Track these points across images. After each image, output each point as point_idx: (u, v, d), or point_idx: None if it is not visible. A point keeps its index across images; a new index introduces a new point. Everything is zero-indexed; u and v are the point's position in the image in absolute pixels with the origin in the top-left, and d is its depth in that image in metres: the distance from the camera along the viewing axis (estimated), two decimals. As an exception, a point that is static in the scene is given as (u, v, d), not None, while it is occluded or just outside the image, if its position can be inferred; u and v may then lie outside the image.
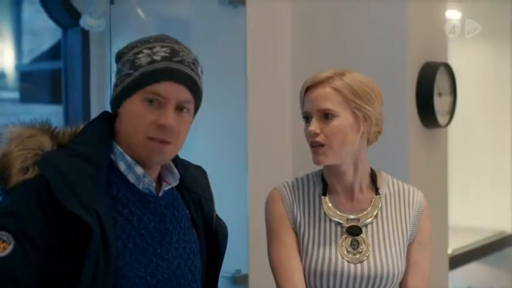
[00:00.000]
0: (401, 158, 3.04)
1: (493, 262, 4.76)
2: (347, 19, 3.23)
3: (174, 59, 1.66)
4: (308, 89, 1.99)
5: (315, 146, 1.96)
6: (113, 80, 1.72)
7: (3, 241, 1.52)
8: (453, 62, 3.45)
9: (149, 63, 1.64)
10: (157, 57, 1.65)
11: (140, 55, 1.66)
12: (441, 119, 3.25)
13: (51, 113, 1.78)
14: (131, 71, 1.65)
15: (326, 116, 1.94)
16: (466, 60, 4.50)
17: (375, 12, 3.14)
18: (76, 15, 3.10)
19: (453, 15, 4.15)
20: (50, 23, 3.52)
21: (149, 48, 1.67)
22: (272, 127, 3.24)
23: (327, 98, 1.94)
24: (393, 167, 2.96)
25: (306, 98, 1.99)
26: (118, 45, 3.06)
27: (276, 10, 3.29)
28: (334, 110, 1.93)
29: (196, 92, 1.71)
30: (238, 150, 3.03)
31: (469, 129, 4.68)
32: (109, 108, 1.76)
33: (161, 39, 1.70)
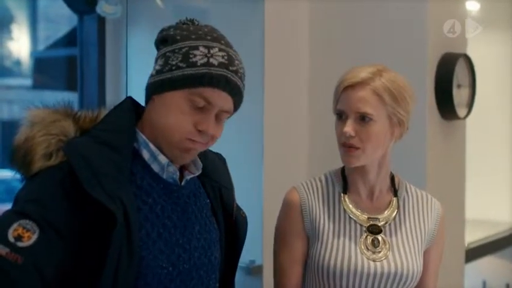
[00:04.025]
0: (419, 149, 3.02)
1: (508, 256, 4.74)
2: (365, 11, 3.20)
3: (230, 68, 1.63)
4: (346, 88, 1.94)
5: (348, 147, 1.94)
6: (158, 62, 1.66)
7: (28, 230, 1.49)
8: (471, 53, 3.40)
9: (205, 64, 1.60)
10: (214, 61, 1.61)
11: (196, 52, 1.61)
12: (460, 110, 3.21)
13: (66, 99, 1.74)
14: (183, 65, 1.60)
15: (363, 118, 1.91)
16: (484, 51, 4.45)
17: (395, 4, 3.11)
18: (92, 2, 3.08)
19: (472, 6, 4.12)
20: (65, 10, 3.52)
21: (207, 47, 1.62)
22: (288, 121, 3.22)
23: (366, 101, 1.91)
24: (412, 159, 2.96)
25: (343, 96, 1.95)
26: (134, 32, 3.07)
27: (295, 5, 3.26)
28: (372, 114, 1.90)
29: (238, 105, 1.69)
30: (254, 141, 3.02)
31: (486, 121, 4.63)
32: (123, 96, 1.73)
33: (218, 38, 1.66)
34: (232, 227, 1.86)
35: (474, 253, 3.92)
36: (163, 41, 1.67)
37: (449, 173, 3.25)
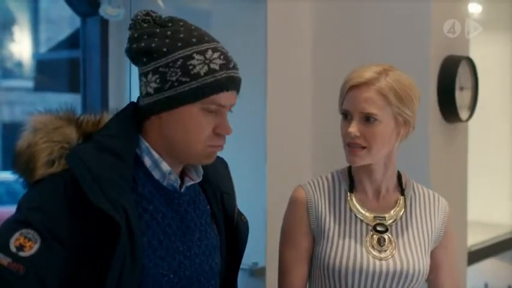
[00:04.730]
0: (422, 152, 3.02)
1: (510, 258, 4.74)
2: (368, 13, 3.20)
3: (229, 66, 1.64)
4: (351, 88, 1.94)
5: (353, 147, 1.94)
6: (150, 78, 1.63)
7: (29, 239, 1.49)
8: (473, 55, 3.40)
9: (208, 72, 1.60)
10: (215, 66, 1.61)
11: (194, 61, 1.60)
12: (462, 113, 3.21)
13: (68, 102, 1.74)
14: (186, 79, 1.59)
15: (368, 118, 1.91)
16: (486, 54, 4.45)
17: (398, 5, 3.11)
18: (95, 4, 3.09)
19: (474, 8, 4.12)
20: (66, 12, 3.53)
21: (201, 53, 1.61)
22: (291, 122, 3.22)
23: (371, 101, 1.90)
24: (414, 161, 2.95)
25: (348, 96, 1.95)
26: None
27: (298, 4, 3.26)
28: (377, 114, 1.90)
29: (238, 93, 1.71)
30: (257, 143, 3.02)
31: (487, 123, 4.63)
32: (126, 99, 1.73)
33: (201, 37, 1.64)
34: (233, 232, 1.86)
35: (476, 255, 3.92)
36: (144, 53, 1.64)
37: (452, 176, 3.24)
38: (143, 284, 1.57)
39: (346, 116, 1.96)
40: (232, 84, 1.64)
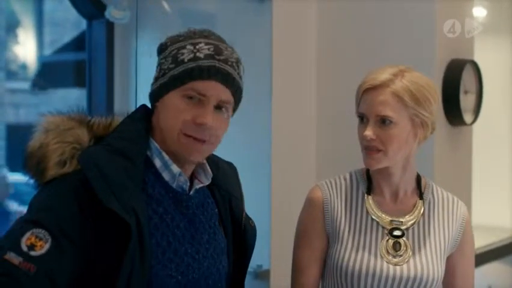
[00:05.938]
0: (427, 155, 3.01)
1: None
2: (373, 16, 3.21)
3: (218, 57, 1.63)
4: (366, 90, 1.93)
5: (370, 150, 1.92)
6: (156, 71, 1.70)
7: (40, 239, 1.49)
8: (478, 59, 3.40)
9: (192, 59, 1.62)
10: (201, 54, 1.62)
11: (184, 50, 1.63)
12: (467, 117, 3.22)
13: (73, 105, 1.76)
14: (173, 66, 1.63)
15: (383, 121, 1.89)
16: (490, 58, 4.45)
17: (402, 9, 3.12)
18: (101, 7, 3.10)
19: (479, 12, 4.13)
20: (71, 15, 3.54)
21: (193, 44, 1.64)
22: (296, 123, 3.23)
23: (386, 104, 1.89)
24: (419, 164, 2.94)
25: (363, 99, 1.93)
26: (143, 37, 3.08)
27: (303, 6, 3.27)
28: (393, 117, 1.88)
29: (237, 93, 1.69)
30: (262, 145, 3.02)
31: (489, 127, 4.63)
32: (132, 101, 1.74)
33: (206, 35, 1.67)
34: (241, 236, 1.86)
35: (480, 259, 3.92)
36: (158, 52, 1.71)
37: (456, 179, 3.25)
38: (152, 286, 1.58)
39: (362, 119, 1.95)
40: (215, 74, 1.62)
